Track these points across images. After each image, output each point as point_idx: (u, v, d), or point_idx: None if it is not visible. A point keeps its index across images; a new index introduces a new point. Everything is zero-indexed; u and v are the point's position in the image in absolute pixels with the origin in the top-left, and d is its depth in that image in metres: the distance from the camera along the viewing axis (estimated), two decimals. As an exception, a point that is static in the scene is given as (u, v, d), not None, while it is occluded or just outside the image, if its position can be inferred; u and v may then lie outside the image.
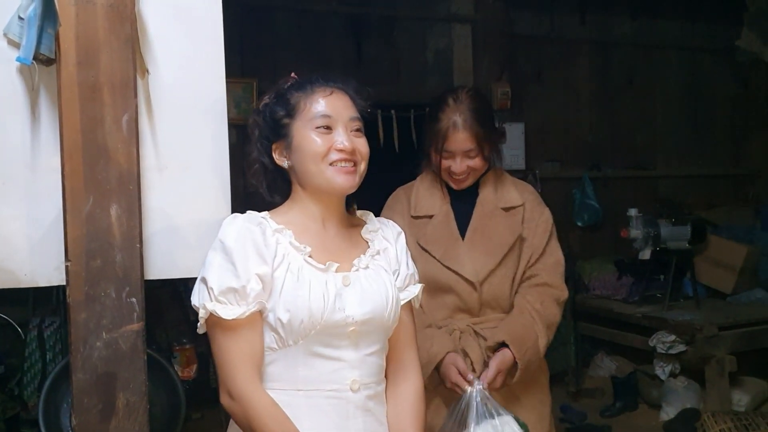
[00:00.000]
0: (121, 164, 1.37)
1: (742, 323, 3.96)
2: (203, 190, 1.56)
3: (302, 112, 1.42)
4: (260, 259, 1.35)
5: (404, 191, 2.15)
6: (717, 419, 3.34)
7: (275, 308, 1.35)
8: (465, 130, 1.97)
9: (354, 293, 1.41)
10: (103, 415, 1.36)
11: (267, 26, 4.46)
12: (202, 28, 1.54)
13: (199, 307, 1.34)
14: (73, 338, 1.34)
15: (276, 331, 1.36)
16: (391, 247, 1.53)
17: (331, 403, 1.39)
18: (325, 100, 1.42)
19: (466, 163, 2.00)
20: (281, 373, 1.38)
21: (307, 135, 1.41)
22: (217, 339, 1.35)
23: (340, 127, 1.42)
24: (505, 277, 2.04)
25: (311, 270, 1.39)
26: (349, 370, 1.40)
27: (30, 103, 1.43)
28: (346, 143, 1.40)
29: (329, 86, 1.44)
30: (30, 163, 1.44)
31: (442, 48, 4.98)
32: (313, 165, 1.40)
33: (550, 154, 5.23)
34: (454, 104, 1.99)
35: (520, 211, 2.09)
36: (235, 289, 1.32)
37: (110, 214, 1.36)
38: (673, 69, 5.68)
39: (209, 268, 1.34)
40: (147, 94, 1.48)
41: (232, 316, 1.31)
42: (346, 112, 1.43)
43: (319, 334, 1.36)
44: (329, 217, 1.47)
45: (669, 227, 4.15)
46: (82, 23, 1.34)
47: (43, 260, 1.45)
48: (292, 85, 1.46)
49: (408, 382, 1.52)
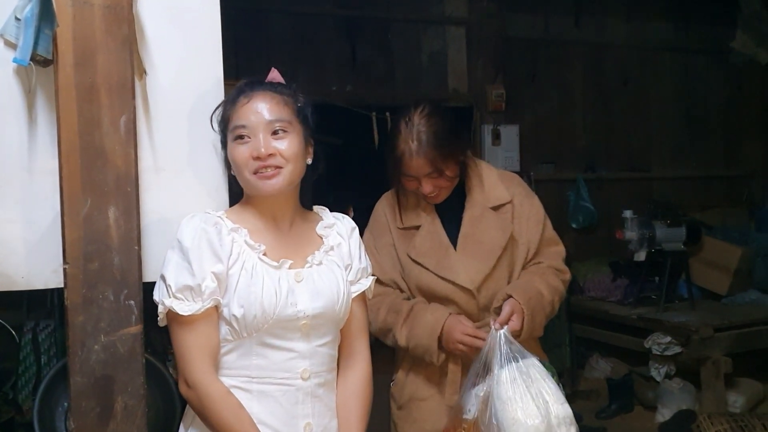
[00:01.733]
0: (118, 166, 1.36)
1: (738, 324, 3.96)
2: (200, 192, 1.56)
3: (229, 125, 1.49)
4: (215, 258, 1.41)
5: (387, 202, 2.12)
6: (713, 421, 3.35)
7: (230, 304, 1.43)
8: (420, 156, 1.92)
9: (306, 289, 1.48)
10: (101, 418, 1.35)
11: (262, 28, 4.45)
12: (200, 30, 1.54)
13: (160, 303, 1.42)
14: (71, 341, 1.33)
15: (230, 325, 1.44)
16: (345, 243, 1.60)
17: (281, 389, 1.47)
18: (242, 110, 1.47)
19: (430, 184, 1.96)
20: (235, 361, 1.46)
21: (232, 147, 1.47)
22: (175, 332, 1.43)
23: (260, 133, 1.45)
24: (501, 279, 2.03)
25: (264, 267, 1.46)
26: (300, 360, 1.48)
27: (27, 105, 1.42)
28: (261, 150, 1.44)
29: (245, 95, 1.48)
30: (26, 166, 1.43)
31: (437, 50, 4.98)
32: (240, 176, 1.48)
33: (545, 155, 5.23)
34: (407, 129, 1.94)
35: (509, 208, 2.06)
36: (190, 286, 1.39)
37: (108, 216, 1.35)
38: (668, 71, 5.69)
39: (167, 266, 1.41)
40: (145, 95, 1.47)
41: (188, 312, 1.39)
42: (262, 116, 1.46)
43: (271, 327, 1.44)
44: (281, 215, 1.53)
45: (664, 229, 4.16)
46: (79, 24, 1.34)
47: (40, 263, 1.44)
48: (229, 97, 1.52)
49: (356, 369, 1.61)
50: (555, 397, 1.77)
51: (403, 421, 2.07)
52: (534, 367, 1.79)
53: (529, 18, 5.17)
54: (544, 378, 1.78)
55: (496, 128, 4.82)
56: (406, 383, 2.07)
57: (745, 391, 4.05)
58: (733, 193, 5.79)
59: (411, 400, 2.05)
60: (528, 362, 1.79)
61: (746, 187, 5.82)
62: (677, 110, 5.73)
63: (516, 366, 1.77)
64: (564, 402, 1.78)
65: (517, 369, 1.77)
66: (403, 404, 2.07)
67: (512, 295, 1.92)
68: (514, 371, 1.76)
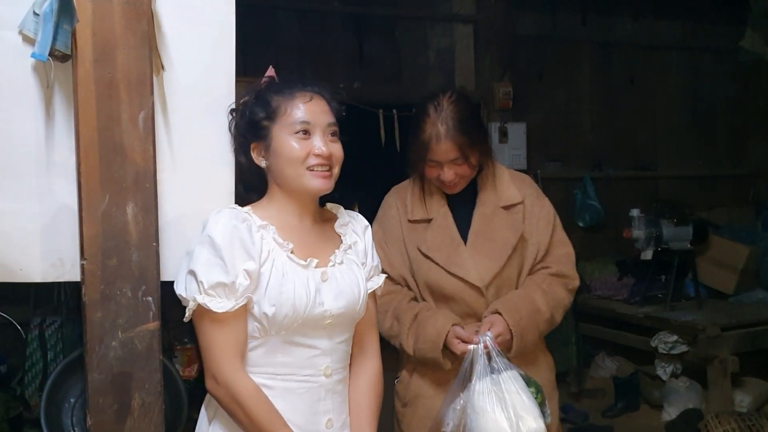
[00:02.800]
0: (137, 162, 1.36)
1: (745, 324, 3.95)
2: (211, 189, 1.55)
3: (282, 117, 1.48)
4: (247, 256, 1.42)
5: (398, 194, 2.11)
6: (721, 420, 3.34)
7: (261, 302, 1.43)
8: (448, 140, 1.92)
9: (331, 288, 1.51)
10: (118, 415, 1.35)
11: (269, 25, 4.44)
12: (215, 27, 1.53)
13: (188, 299, 1.41)
14: (89, 338, 1.33)
15: (260, 323, 1.44)
16: (360, 241, 1.63)
17: (304, 386, 1.49)
18: (304, 106, 1.48)
19: (453, 171, 1.95)
20: (260, 358, 1.47)
21: (287, 140, 1.47)
22: (205, 329, 1.43)
23: (318, 132, 1.48)
24: (509, 279, 2.02)
25: (294, 266, 1.47)
26: (322, 357, 1.51)
27: (44, 100, 1.41)
28: (323, 149, 1.47)
29: (308, 91, 1.51)
30: (35, 159, 1.42)
31: (444, 48, 4.97)
32: (291, 169, 1.48)
33: (552, 154, 5.22)
34: (435, 114, 1.93)
35: (521, 208, 2.06)
36: (224, 284, 1.39)
37: (126, 213, 1.35)
38: (675, 69, 5.68)
39: (197, 262, 1.40)
40: (162, 91, 1.47)
41: (222, 310, 1.39)
42: (323, 118, 1.50)
43: (299, 326, 1.46)
44: (306, 212, 1.55)
45: (671, 228, 4.15)
46: (98, 20, 1.33)
47: (40, 256, 1.43)
48: (272, 88, 1.53)
49: (367, 365, 1.64)
50: (529, 411, 1.77)
51: (408, 418, 2.06)
52: (512, 380, 1.79)
53: (536, 16, 5.16)
54: (519, 391, 1.78)
55: (503, 126, 4.81)
56: (411, 381, 2.06)
57: (752, 391, 4.05)
58: (740, 192, 5.78)
59: (417, 397, 2.05)
60: (508, 375, 1.80)
61: (753, 186, 5.81)
62: (684, 109, 5.72)
63: (492, 378, 1.78)
64: (538, 417, 1.78)
65: (492, 381, 1.78)
66: (408, 401, 2.07)
67: (502, 313, 1.92)
68: (488, 383, 1.78)
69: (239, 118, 1.53)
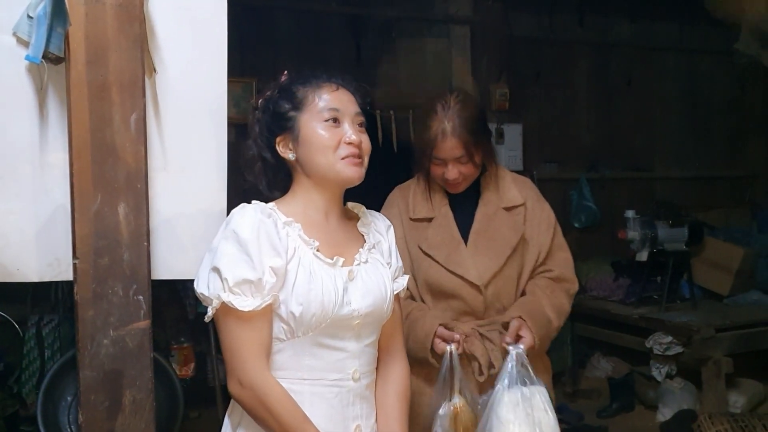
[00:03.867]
0: (129, 163, 1.38)
1: (739, 325, 3.96)
2: (204, 190, 1.57)
3: (310, 105, 1.44)
4: (274, 252, 1.36)
5: (401, 193, 2.13)
6: (714, 421, 3.36)
7: (287, 301, 1.37)
8: (454, 137, 1.94)
9: (357, 287, 1.45)
10: (109, 412, 1.36)
11: (266, 26, 4.46)
12: (207, 29, 1.55)
13: (211, 297, 1.35)
14: (81, 335, 1.35)
15: (287, 323, 1.39)
16: (384, 240, 1.59)
17: (333, 391, 1.43)
18: (333, 95, 1.45)
19: (457, 169, 1.98)
20: (287, 361, 1.41)
21: (316, 127, 1.43)
22: (229, 329, 1.37)
23: (347, 121, 1.45)
24: (509, 279, 2.04)
25: (321, 264, 1.42)
26: (351, 360, 1.45)
27: (38, 102, 1.43)
28: (354, 137, 1.44)
29: (334, 82, 1.48)
30: (30, 160, 1.44)
31: (441, 49, 4.99)
32: (322, 157, 1.43)
33: (548, 155, 5.24)
34: (443, 111, 1.96)
35: (522, 210, 2.08)
36: (251, 281, 1.33)
37: (118, 213, 1.37)
38: (671, 71, 5.70)
39: (221, 258, 1.34)
40: (154, 93, 1.48)
41: (248, 308, 1.33)
42: (351, 107, 1.47)
43: (327, 327, 1.40)
44: (332, 209, 1.50)
45: (666, 229, 4.16)
46: (91, 23, 1.35)
47: (36, 256, 1.45)
48: (296, 80, 1.49)
49: (396, 368, 1.60)
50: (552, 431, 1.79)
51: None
52: (540, 395, 1.80)
53: (533, 17, 5.17)
54: (546, 409, 1.80)
55: (500, 127, 4.83)
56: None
57: (746, 392, 4.06)
58: (735, 193, 5.80)
59: (413, 395, 2.06)
60: (536, 390, 1.81)
61: (749, 188, 5.83)
62: (681, 110, 5.74)
63: (521, 390, 1.79)
64: None
65: (521, 393, 1.78)
66: None
67: (526, 320, 1.94)
68: (518, 395, 1.78)
69: (262, 114, 1.49)
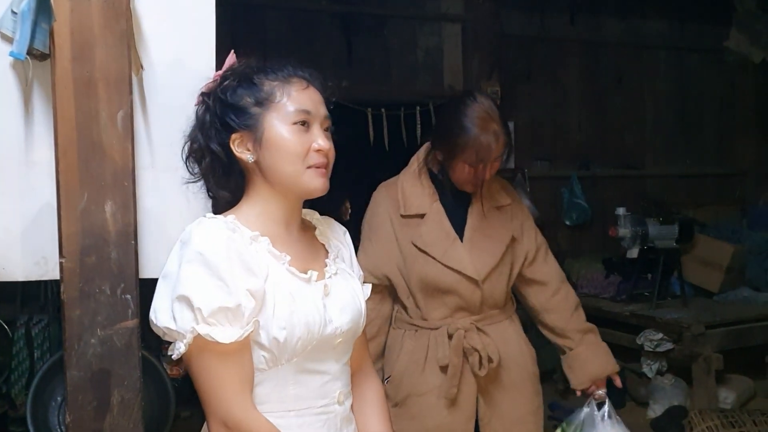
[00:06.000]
0: (116, 161, 1.36)
1: (729, 322, 3.99)
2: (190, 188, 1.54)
3: (277, 104, 1.27)
4: (249, 272, 1.20)
5: (387, 191, 2.11)
6: (704, 417, 3.37)
7: (268, 326, 1.22)
8: (501, 137, 1.96)
9: (334, 303, 1.31)
10: (97, 412, 1.35)
11: (258, 24, 4.45)
12: (195, 26, 1.53)
13: (181, 331, 1.18)
14: (68, 335, 1.33)
15: (269, 351, 1.24)
16: (344, 248, 1.46)
17: (321, 419, 1.31)
18: (302, 94, 1.29)
19: (492, 167, 2.00)
20: (269, 394, 1.27)
21: (283, 131, 1.27)
22: (206, 365, 1.20)
23: (316, 125, 1.30)
24: (503, 274, 2.07)
25: (296, 281, 1.27)
26: (333, 382, 1.33)
27: (23, 99, 1.42)
28: (323, 143, 1.29)
29: (303, 78, 1.32)
30: (15, 157, 1.42)
31: (433, 47, 4.99)
32: (290, 166, 1.27)
33: (539, 153, 5.25)
34: (487, 114, 1.94)
35: (509, 209, 2.12)
36: (227, 308, 1.17)
37: (105, 211, 1.35)
38: (662, 69, 5.72)
39: (189, 285, 1.17)
40: (141, 90, 1.47)
41: (229, 339, 1.17)
42: (321, 109, 1.32)
43: (312, 350, 1.27)
44: (293, 220, 1.35)
45: (657, 226, 4.17)
46: (76, 18, 1.33)
47: (22, 254, 1.43)
48: (260, 70, 1.32)
49: (370, 383, 1.49)
50: None
51: (400, 419, 2.05)
52: None
53: (524, 15, 5.18)
54: None
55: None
56: (403, 380, 2.07)
57: (736, 388, 4.08)
58: (725, 190, 5.82)
59: (409, 396, 2.06)
60: None
61: (739, 185, 5.86)
62: (671, 108, 5.76)
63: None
64: None
65: None
66: (399, 401, 2.07)
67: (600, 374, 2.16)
68: None
69: (213, 102, 1.31)
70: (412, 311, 2.08)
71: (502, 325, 2.08)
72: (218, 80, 1.33)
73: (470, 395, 2.03)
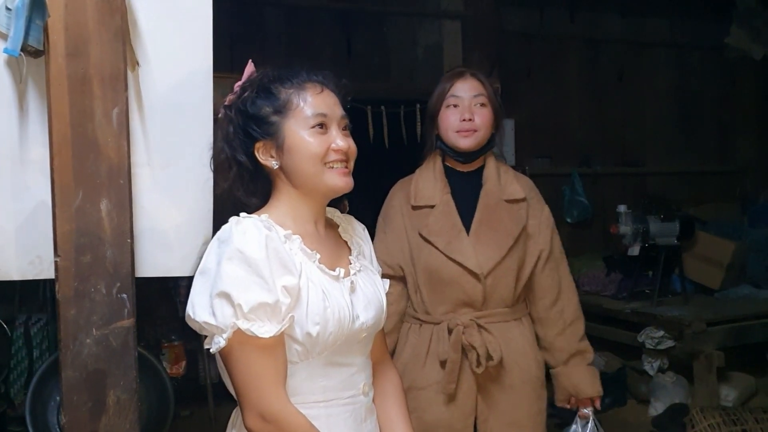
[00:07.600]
0: (111, 158, 1.34)
1: (730, 319, 3.98)
2: (189, 186, 1.52)
3: (295, 110, 1.34)
4: (285, 270, 1.26)
5: (402, 185, 2.16)
6: (705, 414, 3.36)
7: (302, 321, 1.28)
8: (473, 77, 2.06)
9: (359, 299, 1.38)
10: (93, 412, 1.33)
11: (256, 21, 4.43)
12: (192, 21, 1.52)
13: (222, 326, 1.23)
14: (63, 335, 1.32)
15: (302, 344, 1.29)
16: (365, 245, 1.52)
17: (348, 410, 1.37)
18: (318, 98, 1.35)
19: (474, 111, 2.02)
20: (300, 385, 1.32)
21: (303, 135, 1.33)
22: (245, 359, 1.25)
23: (333, 126, 1.36)
24: (509, 270, 2.04)
25: (327, 278, 1.34)
26: (359, 374, 1.40)
27: (18, 96, 1.40)
28: (341, 143, 1.35)
29: (317, 82, 1.38)
30: (11, 156, 1.41)
31: (432, 44, 4.97)
32: (311, 167, 1.33)
33: (540, 150, 5.24)
34: (461, 66, 2.11)
35: (524, 205, 2.10)
36: (267, 303, 1.23)
37: (100, 209, 1.33)
38: (662, 66, 5.70)
39: (229, 281, 1.22)
40: (137, 87, 1.45)
41: (268, 334, 1.23)
42: (337, 110, 1.38)
43: (341, 344, 1.33)
44: (319, 218, 1.42)
45: (658, 223, 4.16)
46: (71, 14, 1.32)
47: (17, 254, 1.42)
48: (275, 78, 1.37)
49: (389, 374, 1.54)
50: None
51: None
52: None
53: (524, 12, 5.17)
54: None
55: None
56: (404, 374, 2.06)
57: (738, 385, 4.07)
58: (726, 188, 5.81)
59: (409, 389, 2.04)
60: None
61: (739, 182, 5.84)
62: (672, 105, 5.75)
63: None
64: None
65: None
66: None
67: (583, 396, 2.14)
68: None
69: (235, 114, 1.36)
70: (418, 305, 2.09)
71: (508, 325, 2.06)
72: (238, 92, 1.39)
73: (470, 392, 2.02)
